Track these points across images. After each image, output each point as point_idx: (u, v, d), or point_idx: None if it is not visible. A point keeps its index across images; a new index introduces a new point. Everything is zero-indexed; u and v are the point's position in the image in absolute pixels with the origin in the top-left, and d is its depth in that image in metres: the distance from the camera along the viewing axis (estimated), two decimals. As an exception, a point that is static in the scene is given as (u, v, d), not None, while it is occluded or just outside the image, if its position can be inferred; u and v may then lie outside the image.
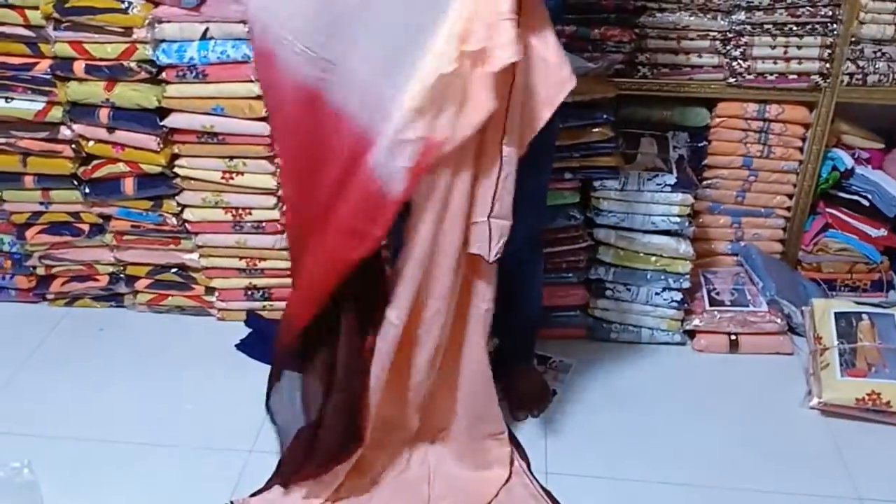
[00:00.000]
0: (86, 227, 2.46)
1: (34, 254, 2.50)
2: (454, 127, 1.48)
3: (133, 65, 2.18)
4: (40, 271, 2.54)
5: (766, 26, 2.32)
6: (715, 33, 2.34)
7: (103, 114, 2.24)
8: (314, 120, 1.61)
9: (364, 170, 1.56)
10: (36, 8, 2.15)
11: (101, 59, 2.19)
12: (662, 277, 2.35)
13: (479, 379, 1.84)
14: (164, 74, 2.20)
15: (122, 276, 2.53)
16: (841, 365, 2.18)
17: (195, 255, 2.46)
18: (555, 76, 1.51)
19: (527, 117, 1.55)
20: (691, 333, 2.45)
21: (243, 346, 2.42)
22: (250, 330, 2.48)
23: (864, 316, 2.28)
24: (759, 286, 2.47)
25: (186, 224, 2.40)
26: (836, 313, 2.28)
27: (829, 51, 2.33)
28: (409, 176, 1.52)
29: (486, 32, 1.41)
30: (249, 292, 2.49)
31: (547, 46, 1.49)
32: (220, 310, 2.53)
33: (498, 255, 1.63)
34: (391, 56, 1.49)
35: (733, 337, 2.40)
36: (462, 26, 1.42)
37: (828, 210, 2.56)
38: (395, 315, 1.71)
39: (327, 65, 1.55)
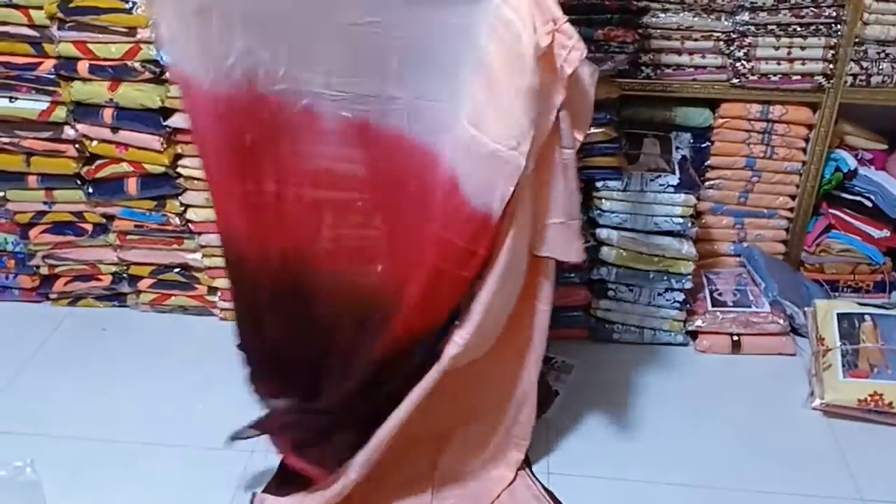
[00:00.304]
0: (89, 227, 2.46)
1: (37, 253, 2.51)
2: (533, 136, 1.47)
3: (137, 65, 2.19)
4: (43, 271, 2.55)
5: (769, 27, 2.32)
6: (718, 34, 2.34)
7: (107, 114, 2.25)
8: (366, 148, 1.59)
9: (457, 194, 1.53)
10: (40, 8, 2.16)
11: (105, 59, 2.19)
12: (665, 278, 2.35)
13: (531, 383, 1.84)
14: (167, 74, 2.20)
15: (124, 275, 2.53)
16: (843, 366, 2.18)
17: (198, 255, 2.46)
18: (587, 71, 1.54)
19: (578, 116, 1.57)
20: (694, 334, 2.45)
21: (246, 345, 2.42)
22: (253, 330, 2.48)
23: (867, 317, 2.27)
24: (762, 287, 2.47)
25: (189, 224, 2.40)
26: (838, 314, 2.28)
27: (832, 52, 2.33)
28: (507, 195, 1.50)
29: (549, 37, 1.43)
30: (252, 292, 2.49)
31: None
32: (222, 309, 2.53)
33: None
34: (443, 80, 1.50)
35: (736, 338, 2.40)
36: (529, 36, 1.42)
37: (831, 211, 2.55)
38: (461, 336, 1.65)
39: (367, 98, 1.54)
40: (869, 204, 2.52)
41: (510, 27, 1.42)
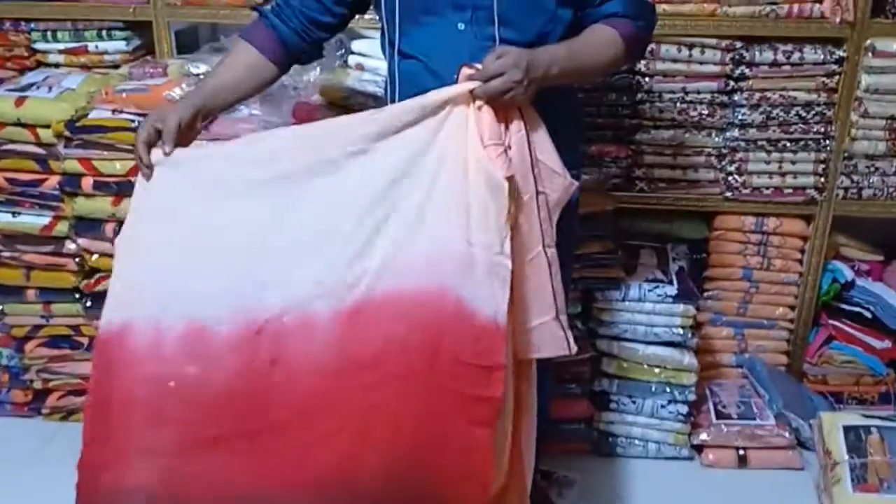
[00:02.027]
0: (85, 341, 2.45)
1: (32, 367, 2.48)
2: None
3: (140, 180, 2.23)
4: (37, 385, 2.51)
5: (759, 143, 2.38)
6: (710, 149, 2.40)
7: (109, 228, 2.27)
8: (362, 326, 1.52)
9: (466, 314, 1.50)
10: (48, 126, 2.21)
11: (109, 176, 2.23)
12: (667, 389, 2.32)
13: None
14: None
15: (119, 390, 2.50)
16: (852, 480, 2.12)
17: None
18: (560, 182, 1.56)
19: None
20: (699, 448, 2.40)
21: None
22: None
23: (874, 430, 2.23)
24: (766, 399, 2.44)
25: (187, 337, 2.39)
26: (844, 427, 2.24)
27: (822, 166, 2.39)
28: (507, 298, 1.50)
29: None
30: (248, 406, 2.45)
31: (551, 159, 1.55)
32: (217, 425, 2.49)
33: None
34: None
35: (742, 452, 2.35)
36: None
37: (831, 322, 2.55)
38: None
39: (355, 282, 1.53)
40: (869, 315, 2.52)
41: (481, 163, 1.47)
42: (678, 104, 2.36)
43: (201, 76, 2.26)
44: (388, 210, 1.50)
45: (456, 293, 1.51)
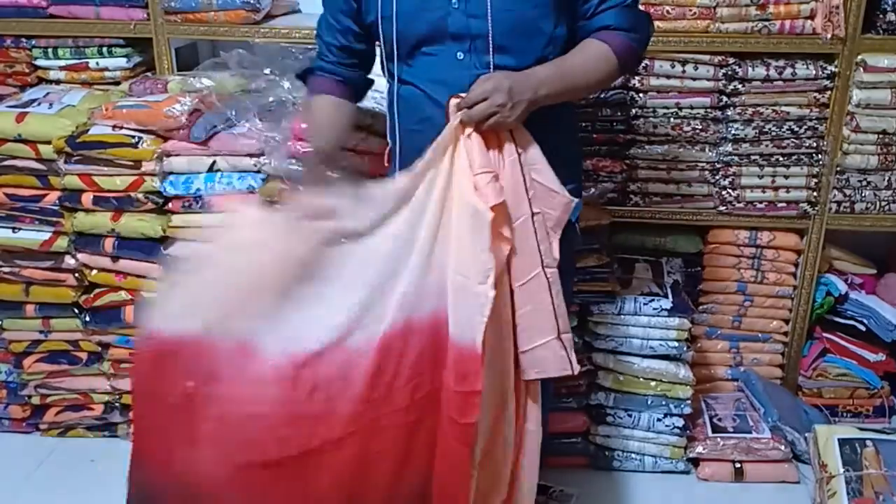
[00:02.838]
0: (84, 356, 2.45)
1: (30, 383, 2.48)
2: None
3: (140, 196, 2.25)
4: (35, 401, 2.52)
5: (753, 157, 2.40)
6: (704, 164, 2.42)
7: (108, 243, 2.29)
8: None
9: (447, 339, 1.56)
10: (48, 142, 2.23)
11: (109, 191, 2.25)
12: (663, 403, 2.33)
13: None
14: (170, 205, 2.26)
15: (117, 404, 2.50)
16: (848, 493, 2.13)
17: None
18: (559, 200, 1.59)
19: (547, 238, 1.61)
20: (695, 461, 2.40)
21: (238, 476, 2.37)
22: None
23: (869, 442, 2.24)
24: (761, 412, 2.45)
25: (185, 351, 2.39)
26: (840, 440, 2.25)
27: (815, 180, 2.41)
28: (484, 324, 1.52)
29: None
30: (246, 421, 2.46)
31: (547, 179, 1.57)
32: (215, 439, 2.49)
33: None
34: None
35: (738, 465, 2.36)
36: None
37: (825, 335, 2.57)
38: None
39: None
40: (862, 328, 2.54)
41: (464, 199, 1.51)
42: (672, 119, 2.39)
43: (203, 92, 2.29)
44: (410, 245, 1.55)
45: (447, 319, 1.56)
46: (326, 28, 1.76)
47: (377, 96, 2.20)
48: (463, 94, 1.50)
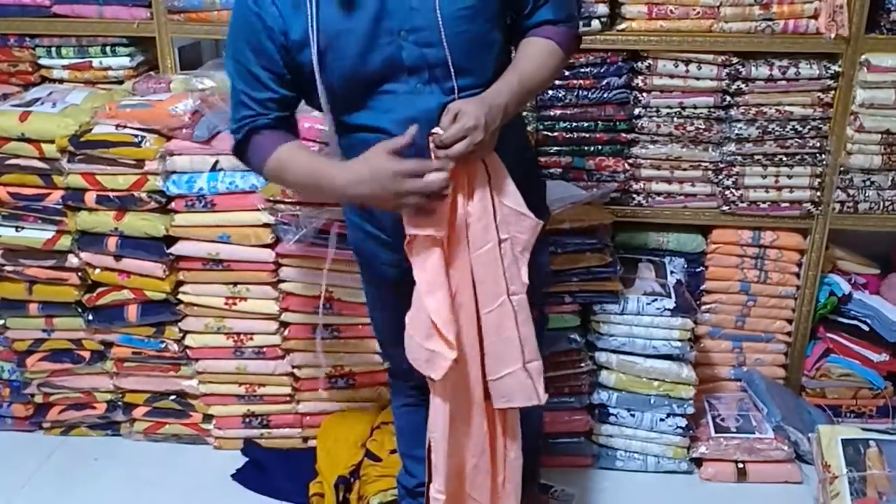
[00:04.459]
0: (87, 354, 2.46)
1: (33, 381, 2.49)
2: None
3: (143, 195, 2.25)
4: (38, 399, 2.52)
5: (756, 157, 2.40)
6: (707, 163, 2.42)
7: (111, 242, 2.29)
8: None
9: None
10: (51, 142, 2.23)
11: (112, 190, 2.25)
12: (666, 403, 2.33)
13: None
14: (172, 204, 2.26)
15: (120, 403, 2.51)
16: (851, 494, 2.12)
17: (194, 382, 2.45)
18: (528, 224, 1.57)
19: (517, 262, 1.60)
20: (698, 461, 2.40)
21: (239, 476, 2.37)
22: (247, 459, 2.43)
23: (872, 443, 2.23)
24: (764, 412, 2.44)
25: (187, 350, 2.40)
26: (843, 440, 2.24)
27: (818, 180, 2.40)
28: None
29: None
30: (247, 419, 2.46)
31: (516, 202, 1.55)
32: (216, 438, 2.50)
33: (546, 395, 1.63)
34: None
35: (741, 465, 2.36)
36: None
37: (828, 335, 2.56)
38: (435, 489, 1.67)
39: None
40: (866, 328, 2.53)
41: None
42: (675, 119, 2.38)
43: (206, 91, 2.29)
44: None
45: None
46: (256, 87, 1.55)
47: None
48: (438, 130, 1.43)
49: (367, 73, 1.49)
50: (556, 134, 2.40)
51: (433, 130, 1.44)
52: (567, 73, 2.32)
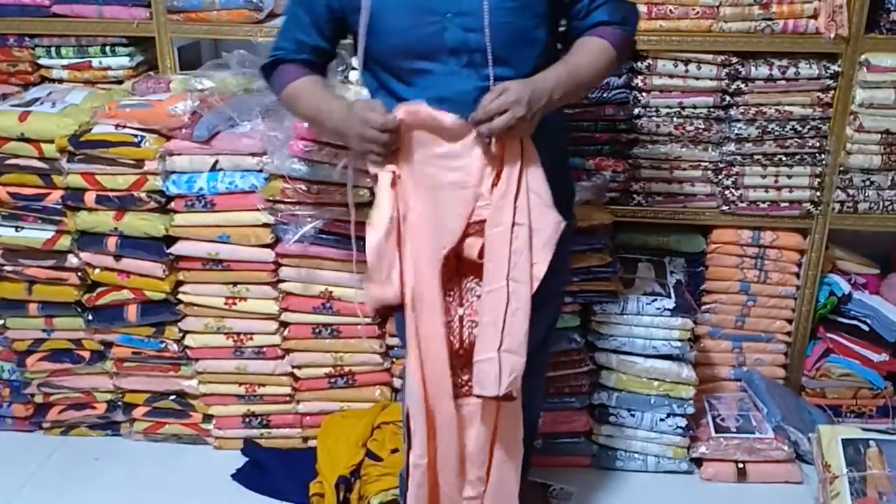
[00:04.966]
0: (87, 354, 2.46)
1: (33, 381, 2.49)
2: None
3: (143, 195, 2.25)
4: (38, 399, 2.52)
5: (756, 157, 2.40)
6: (706, 163, 2.42)
7: (111, 242, 2.29)
8: None
9: None
10: (51, 141, 2.23)
11: (111, 190, 2.25)
12: (666, 403, 2.33)
13: None
14: (172, 204, 2.26)
15: (120, 403, 2.50)
16: (851, 494, 2.12)
17: (194, 382, 2.45)
18: (552, 218, 1.58)
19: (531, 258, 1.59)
20: (698, 461, 2.40)
21: (239, 476, 2.37)
22: (247, 459, 2.43)
23: (872, 443, 2.24)
24: (764, 412, 2.44)
25: (187, 350, 2.40)
26: (843, 440, 2.24)
27: (818, 180, 2.40)
28: None
29: None
30: (247, 419, 2.46)
31: (545, 194, 1.57)
32: (216, 438, 2.50)
33: (507, 391, 1.58)
34: None
35: (741, 465, 2.36)
36: None
37: (828, 335, 2.56)
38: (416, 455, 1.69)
39: None
40: (866, 328, 2.53)
41: None
42: (675, 119, 2.39)
43: (206, 91, 2.29)
44: None
45: None
46: (299, 27, 1.70)
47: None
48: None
49: (410, 48, 1.57)
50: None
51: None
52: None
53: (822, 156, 2.38)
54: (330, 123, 1.64)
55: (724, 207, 2.44)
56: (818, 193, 2.42)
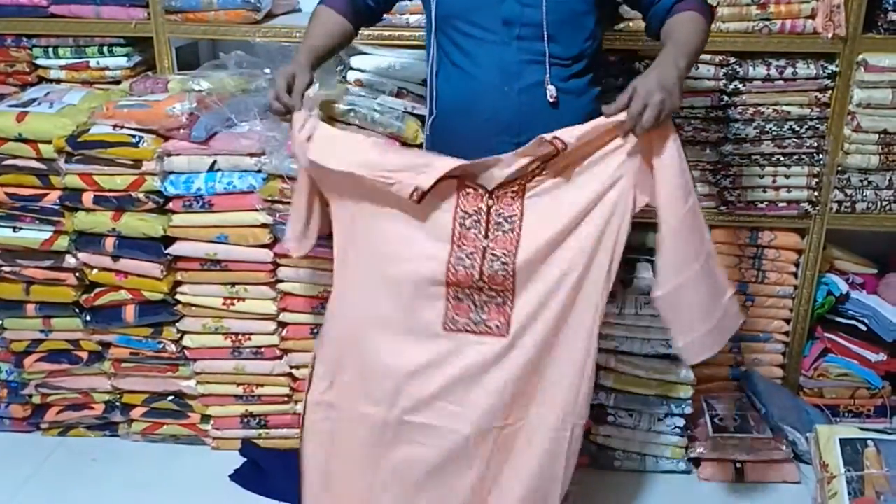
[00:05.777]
0: (85, 355, 2.46)
1: (31, 382, 2.49)
2: None
3: (141, 195, 2.25)
4: (36, 400, 2.52)
5: (753, 157, 2.40)
6: (704, 163, 2.42)
7: (109, 242, 2.29)
8: None
9: None
10: (49, 142, 2.23)
11: (109, 190, 2.25)
12: (664, 403, 2.33)
13: None
14: (170, 204, 2.26)
15: (118, 404, 2.50)
16: (849, 493, 2.13)
17: (192, 382, 2.44)
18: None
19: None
20: (696, 461, 2.40)
21: (237, 476, 2.37)
22: (245, 460, 2.43)
23: (870, 442, 2.24)
24: (762, 412, 2.44)
25: (185, 350, 2.40)
26: (841, 440, 2.24)
27: (816, 180, 2.40)
28: None
29: None
30: (245, 420, 2.46)
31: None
32: (214, 438, 2.50)
33: None
34: None
35: (739, 465, 2.36)
36: None
37: (826, 335, 2.56)
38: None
39: None
40: (863, 328, 2.53)
41: None
42: (672, 119, 2.38)
43: (204, 92, 2.29)
44: None
45: None
46: None
47: (376, 95, 2.20)
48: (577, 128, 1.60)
49: (468, 13, 1.71)
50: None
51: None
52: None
53: (820, 156, 2.39)
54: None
55: (722, 207, 2.44)
56: (816, 193, 2.42)
